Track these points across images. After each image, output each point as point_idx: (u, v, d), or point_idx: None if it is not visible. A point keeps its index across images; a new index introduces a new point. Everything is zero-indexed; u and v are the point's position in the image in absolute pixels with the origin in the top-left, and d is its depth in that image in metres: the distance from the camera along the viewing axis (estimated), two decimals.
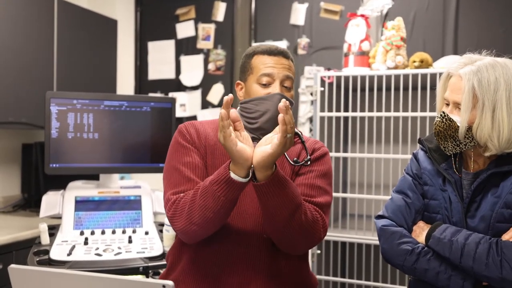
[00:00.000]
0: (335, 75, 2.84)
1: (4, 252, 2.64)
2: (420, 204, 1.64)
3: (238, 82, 1.66)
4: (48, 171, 2.42)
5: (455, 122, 1.52)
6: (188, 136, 1.61)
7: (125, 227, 2.41)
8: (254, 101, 1.57)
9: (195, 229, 1.44)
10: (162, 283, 1.06)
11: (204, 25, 3.96)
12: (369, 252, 2.86)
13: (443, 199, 1.59)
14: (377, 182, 2.91)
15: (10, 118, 3.04)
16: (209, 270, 1.55)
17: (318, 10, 3.60)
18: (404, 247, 1.58)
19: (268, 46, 1.63)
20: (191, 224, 1.43)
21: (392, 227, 1.63)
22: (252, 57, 1.62)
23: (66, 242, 2.24)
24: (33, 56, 3.18)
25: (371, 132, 3.06)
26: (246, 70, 1.62)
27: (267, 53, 1.60)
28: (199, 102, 3.96)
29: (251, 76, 1.60)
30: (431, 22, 3.27)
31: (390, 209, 1.67)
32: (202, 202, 1.40)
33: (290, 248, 1.53)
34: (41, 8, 3.24)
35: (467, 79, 1.49)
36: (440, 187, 1.61)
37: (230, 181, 1.36)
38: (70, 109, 2.44)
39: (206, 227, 1.44)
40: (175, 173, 1.56)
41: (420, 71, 2.64)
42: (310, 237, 1.49)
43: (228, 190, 1.37)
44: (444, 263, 1.53)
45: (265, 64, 1.58)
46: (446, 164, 1.61)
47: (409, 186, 1.67)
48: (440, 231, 1.54)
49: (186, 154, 1.58)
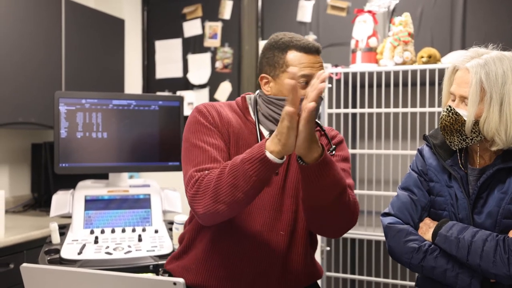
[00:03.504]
0: (343, 71, 2.83)
1: (16, 252, 2.66)
2: (426, 201, 1.63)
3: (265, 76, 1.57)
4: (57, 170, 2.43)
5: (462, 116, 1.51)
6: (210, 118, 1.55)
7: (134, 225, 2.42)
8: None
9: (222, 209, 1.37)
10: (173, 281, 1.06)
11: (211, 23, 3.96)
12: (379, 249, 2.85)
13: (449, 196, 1.58)
14: (386, 178, 2.90)
15: (19, 118, 3.06)
16: (224, 261, 1.56)
17: (325, 7, 3.60)
18: (410, 245, 1.57)
19: (303, 41, 1.54)
20: (217, 203, 1.36)
21: (398, 224, 1.62)
22: (286, 52, 1.53)
23: (77, 241, 2.25)
24: (42, 57, 3.20)
25: (379, 128, 3.05)
26: (279, 65, 1.54)
27: (304, 51, 1.52)
28: (206, 100, 3.96)
29: (285, 74, 1.52)
30: (438, 17, 3.26)
31: (396, 206, 1.66)
32: (231, 181, 1.34)
33: (330, 229, 1.55)
34: (49, 8, 3.25)
35: (474, 72, 1.48)
36: (446, 183, 1.60)
37: (265, 161, 1.30)
38: (79, 108, 2.45)
39: (232, 207, 1.38)
40: (197, 150, 1.49)
41: (428, 67, 2.62)
42: (352, 218, 1.52)
43: (262, 170, 1.31)
44: (451, 261, 1.52)
45: (303, 63, 1.51)
46: (451, 160, 1.60)
47: (415, 183, 1.65)
48: (447, 229, 1.52)
49: (209, 135, 1.53)
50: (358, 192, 2.94)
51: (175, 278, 1.06)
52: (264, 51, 1.60)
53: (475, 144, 1.56)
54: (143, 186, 2.60)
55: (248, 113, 1.65)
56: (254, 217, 1.56)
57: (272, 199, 1.58)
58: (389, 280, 2.80)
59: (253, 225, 1.56)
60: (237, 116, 1.63)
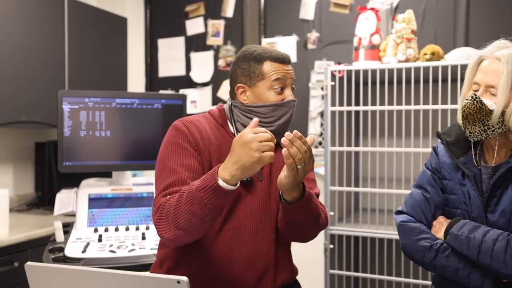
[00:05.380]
0: (346, 69, 2.83)
1: (20, 250, 2.67)
2: (440, 199, 1.62)
3: (241, 85, 1.65)
4: (61, 169, 2.44)
5: (486, 106, 1.48)
6: (190, 137, 1.58)
7: (138, 223, 2.42)
8: (270, 107, 1.62)
9: (182, 234, 1.43)
10: (177, 279, 1.06)
11: (213, 21, 3.96)
12: (382, 246, 2.85)
13: (462, 194, 1.57)
14: (389, 176, 2.90)
15: (23, 117, 3.07)
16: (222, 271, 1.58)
17: (327, 4, 3.59)
18: (422, 243, 1.56)
19: (277, 53, 1.65)
20: (177, 229, 1.42)
21: (411, 222, 1.61)
22: (263, 63, 1.63)
23: (81, 240, 2.26)
24: (45, 55, 3.20)
25: (382, 126, 3.04)
26: (255, 75, 1.63)
27: (278, 61, 1.64)
28: (209, 99, 3.96)
29: (262, 82, 1.63)
30: (441, 14, 3.25)
31: (409, 204, 1.66)
32: (188, 208, 1.39)
33: (303, 240, 1.69)
34: (52, 7, 3.26)
35: (506, 61, 1.47)
36: (459, 181, 1.58)
37: (218, 189, 1.36)
38: (82, 107, 2.46)
39: (191, 233, 1.44)
40: (168, 172, 1.54)
41: (431, 64, 2.62)
42: (322, 228, 1.70)
43: (215, 198, 1.37)
44: (463, 260, 1.50)
45: (278, 72, 1.62)
46: (464, 158, 1.58)
47: (428, 181, 1.64)
48: (458, 228, 1.51)
49: (183, 156, 1.56)
50: (361, 190, 2.94)
51: (178, 276, 1.07)
52: (237, 62, 1.68)
53: (495, 137, 1.53)
54: (147, 185, 2.60)
55: (227, 125, 1.68)
56: (245, 224, 1.60)
57: (260, 206, 1.63)
58: (392, 277, 2.80)
59: (247, 233, 1.60)
60: (215, 130, 1.66)
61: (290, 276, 1.72)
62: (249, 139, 1.35)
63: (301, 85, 3.63)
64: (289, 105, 1.64)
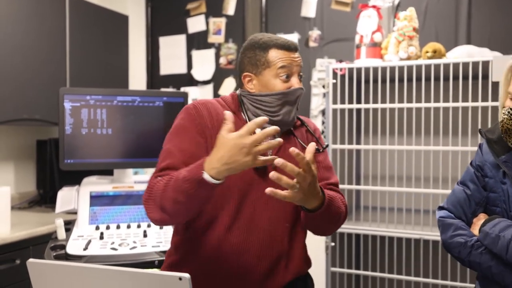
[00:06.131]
0: (347, 67, 2.83)
1: (22, 248, 2.67)
2: (481, 196, 1.62)
3: (247, 74, 1.65)
4: (63, 167, 2.44)
5: None
6: (197, 120, 1.58)
7: (139, 221, 2.43)
8: (277, 95, 1.60)
9: (167, 218, 1.47)
10: (179, 276, 1.06)
11: (215, 19, 3.96)
12: (383, 244, 2.85)
13: (502, 192, 1.56)
14: (390, 174, 2.90)
15: (24, 115, 3.07)
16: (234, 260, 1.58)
17: (329, 2, 3.58)
18: (458, 239, 1.57)
19: (283, 40, 1.63)
20: (163, 213, 1.45)
21: (450, 218, 1.63)
22: (268, 51, 1.61)
23: (82, 237, 2.26)
24: (46, 53, 3.20)
25: (384, 124, 3.04)
26: (261, 63, 1.62)
27: (284, 48, 1.61)
28: (211, 96, 3.96)
29: (267, 70, 1.61)
30: (443, 11, 3.24)
31: (450, 200, 1.67)
32: (174, 195, 1.40)
33: (323, 235, 1.74)
34: (53, 5, 3.26)
35: None
36: (500, 179, 1.58)
37: (203, 182, 1.35)
38: (84, 105, 2.46)
39: (176, 218, 1.50)
40: (167, 154, 1.56)
41: (433, 62, 2.61)
42: (343, 223, 1.69)
43: (200, 190, 1.37)
44: (495, 258, 1.50)
45: (283, 60, 1.60)
46: (506, 156, 1.57)
47: (471, 178, 1.65)
48: (491, 226, 1.51)
49: (185, 140, 1.56)
50: (362, 187, 2.94)
51: (180, 273, 1.07)
52: (244, 51, 1.67)
53: None
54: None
55: (239, 113, 1.67)
56: (260, 212, 1.59)
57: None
58: (394, 275, 2.80)
59: (261, 220, 1.59)
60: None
61: (303, 266, 1.70)
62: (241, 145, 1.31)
63: (303, 83, 3.62)
64: (296, 93, 1.63)
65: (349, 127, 2.92)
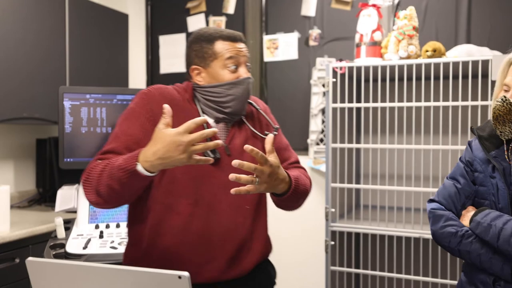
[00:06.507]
0: (347, 66, 2.82)
1: (21, 246, 2.67)
2: (470, 190, 1.71)
3: (195, 67, 1.68)
4: (62, 165, 2.44)
5: None
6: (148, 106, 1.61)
7: None
8: (226, 85, 1.63)
9: (102, 202, 1.49)
10: (178, 274, 1.06)
11: (215, 18, 3.96)
12: (383, 243, 2.85)
13: (491, 186, 1.65)
14: (390, 172, 2.90)
15: (24, 113, 3.07)
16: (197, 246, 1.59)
17: (329, 1, 3.58)
18: (449, 229, 1.65)
19: (228, 32, 1.67)
20: (98, 196, 1.48)
21: (440, 210, 1.71)
22: (214, 43, 1.64)
23: (82, 236, 2.26)
24: (46, 52, 3.20)
25: (383, 122, 3.04)
26: (208, 55, 1.65)
27: (230, 40, 1.66)
28: None
29: (215, 62, 1.65)
30: (443, 11, 3.24)
31: (441, 193, 1.76)
32: (108, 181, 1.43)
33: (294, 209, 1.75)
34: (53, 3, 3.25)
35: None
36: (489, 174, 1.66)
37: (136, 174, 1.38)
38: (83, 103, 2.46)
39: (111, 203, 1.51)
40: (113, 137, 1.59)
41: (433, 61, 2.61)
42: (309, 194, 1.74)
43: (133, 180, 1.40)
44: (485, 246, 1.58)
45: (230, 50, 1.64)
46: (496, 152, 1.66)
47: (461, 173, 1.74)
48: (482, 216, 1.60)
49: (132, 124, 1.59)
50: (362, 186, 2.94)
51: (180, 272, 1.07)
52: (190, 45, 1.70)
53: None
54: None
55: (193, 102, 1.69)
56: (219, 198, 1.61)
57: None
58: (393, 274, 2.80)
59: (221, 206, 1.61)
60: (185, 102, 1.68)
61: (267, 246, 1.75)
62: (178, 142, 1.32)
63: (303, 82, 3.63)
64: (245, 83, 1.66)
65: (349, 126, 2.92)
